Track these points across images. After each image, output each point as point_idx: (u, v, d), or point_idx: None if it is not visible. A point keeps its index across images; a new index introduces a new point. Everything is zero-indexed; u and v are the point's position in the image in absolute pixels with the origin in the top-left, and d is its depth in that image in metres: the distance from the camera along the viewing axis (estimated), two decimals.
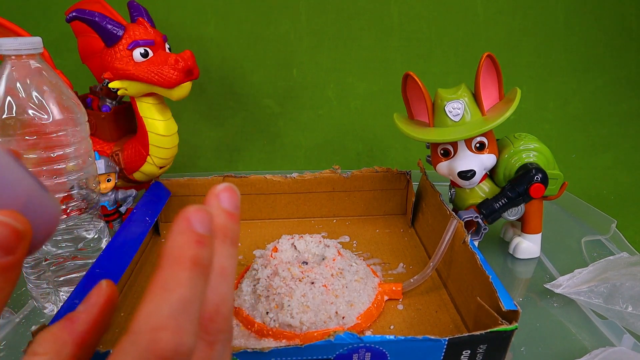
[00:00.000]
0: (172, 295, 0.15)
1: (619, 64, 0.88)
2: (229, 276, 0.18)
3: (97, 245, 0.45)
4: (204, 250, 0.16)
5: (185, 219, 0.16)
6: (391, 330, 0.40)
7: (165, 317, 0.14)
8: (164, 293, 0.15)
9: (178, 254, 0.15)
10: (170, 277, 0.15)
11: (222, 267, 0.17)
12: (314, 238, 0.46)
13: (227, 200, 0.18)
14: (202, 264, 0.16)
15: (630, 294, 0.42)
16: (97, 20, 0.49)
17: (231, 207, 0.19)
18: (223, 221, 0.18)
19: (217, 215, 0.18)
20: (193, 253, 0.15)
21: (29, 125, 0.37)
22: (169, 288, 0.15)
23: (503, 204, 0.49)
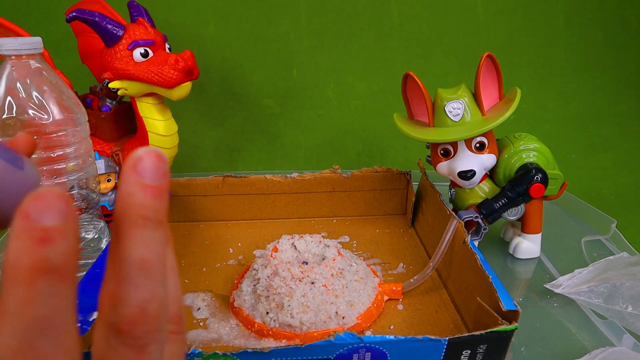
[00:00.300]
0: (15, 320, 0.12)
1: (619, 64, 0.88)
2: (154, 269, 0.14)
3: (97, 245, 0.45)
4: (52, 248, 0.12)
5: (23, 215, 0.12)
6: (391, 330, 0.40)
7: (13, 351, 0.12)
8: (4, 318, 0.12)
9: (13, 267, 0.12)
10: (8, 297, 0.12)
11: (142, 259, 0.14)
12: (314, 238, 0.46)
13: (148, 172, 0.15)
14: (51, 269, 0.12)
15: (630, 293, 0.42)
16: (97, 20, 0.49)
17: (153, 178, 0.15)
18: (141, 200, 0.14)
19: (136, 194, 0.15)
20: (33, 259, 0.12)
21: (29, 125, 0.37)
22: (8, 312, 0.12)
23: (503, 204, 0.49)
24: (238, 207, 0.60)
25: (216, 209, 0.60)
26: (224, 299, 0.44)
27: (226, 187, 0.59)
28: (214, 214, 0.60)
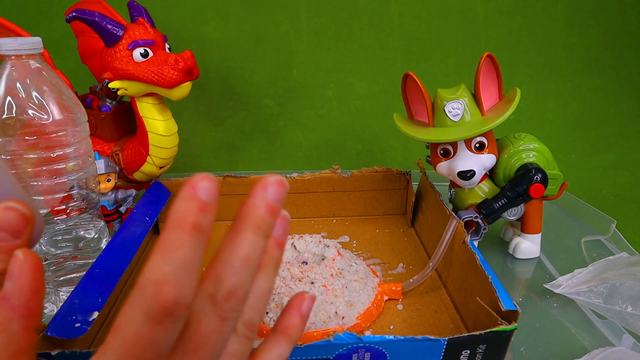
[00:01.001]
0: (173, 255, 0.16)
1: (619, 64, 0.88)
2: (252, 265, 0.19)
3: (97, 245, 0.45)
4: (205, 216, 0.17)
5: (191, 186, 0.17)
6: (391, 330, 0.40)
7: (167, 273, 0.16)
8: (166, 253, 0.16)
9: (180, 219, 0.17)
10: (172, 239, 0.17)
11: (247, 255, 0.19)
12: (313, 238, 0.46)
13: (274, 195, 0.19)
14: (202, 230, 0.17)
15: (629, 294, 0.42)
16: (97, 20, 0.49)
17: (274, 200, 0.19)
18: (262, 213, 0.19)
19: (259, 207, 0.19)
20: (194, 219, 0.17)
21: (29, 126, 0.37)
22: (170, 249, 0.16)
23: (503, 204, 0.49)
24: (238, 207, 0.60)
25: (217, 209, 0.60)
26: None
27: (226, 187, 0.59)
28: None
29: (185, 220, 0.17)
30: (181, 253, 0.16)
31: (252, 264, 0.19)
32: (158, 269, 0.16)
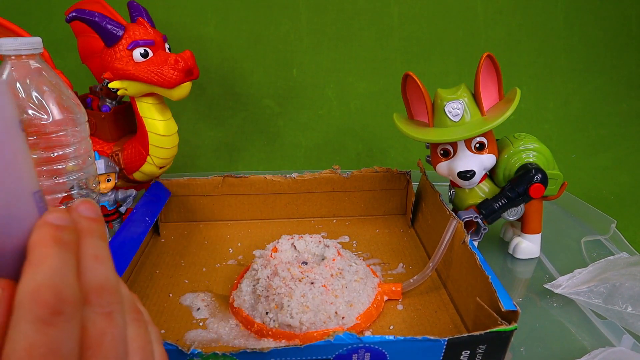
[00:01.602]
0: (42, 266, 0.16)
1: (619, 64, 0.88)
2: (105, 259, 0.20)
3: None
4: (64, 233, 0.18)
5: (41, 220, 0.18)
6: (391, 330, 0.40)
7: (41, 281, 0.16)
8: (34, 267, 0.16)
9: (40, 239, 0.17)
10: (37, 255, 0.17)
11: (94, 255, 0.19)
12: (313, 238, 0.46)
13: (85, 210, 0.20)
14: (65, 241, 0.18)
15: (629, 294, 0.42)
16: (97, 20, 0.49)
17: (91, 213, 0.20)
18: (86, 224, 0.20)
19: (79, 221, 0.19)
20: (53, 235, 0.17)
21: (29, 126, 0.37)
22: (36, 263, 0.17)
23: (503, 204, 0.49)
24: (238, 207, 0.60)
25: (216, 209, 0.60)
26: (224, 299, 0.44)
27: (226, 187, 0.59)
28: (213, 214, 0.60)
29: (44, 238, 0.17)
30: (49, 263, 0.17)
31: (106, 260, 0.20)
32: (31, 281, 0.16)
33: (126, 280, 0.47)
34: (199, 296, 0.45)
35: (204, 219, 0.60)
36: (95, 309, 0.18)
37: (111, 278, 0.19)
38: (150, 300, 0.44)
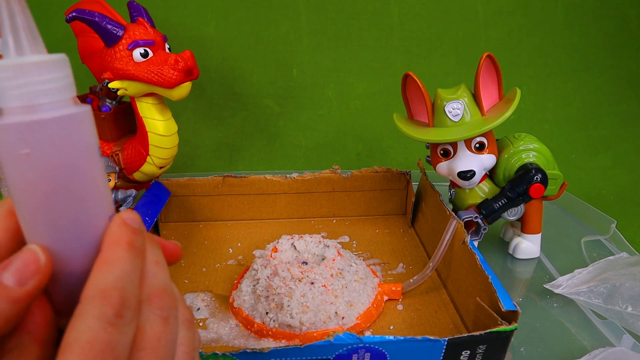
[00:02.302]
0: (115, 268, 0.18)
1: (619, 64, 0.88)
2: (164, 266, 0.21)
3: None
4: (138, 237, 0.19)
5: (118, 217, 0.19)
6: (391, 330, 0.40)
7: (112, 282, 0.17)
8: (108, 266, 0.18)
9: (116, 238, 0.18)
10: (110, 254, 0.18)
11: (156, 260, 0.20)
12: (313, 238, 0.46)
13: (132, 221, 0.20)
14: (137, 247, 0.19)
15: (630, 294, 0.42)
16: (97, 20, 0.49)
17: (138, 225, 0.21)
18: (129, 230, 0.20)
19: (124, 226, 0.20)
20: (128, 238, 0.19)
21: None
22: (110, 262, 0.18)
23: (503, 204, 0.49)
24: (238, 207, 0.60)
25: (216, 209, 0.60)
26: (224, 299, 0.44)
27: (226, 187, 0.59)
28: (213, 214, 0.60)
29: (121, 239, 0.18)
30: (121, 266, 0.18)
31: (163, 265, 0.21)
32: (103, 280, 0.17)
33: None
34: (199, 296, 0.45)
35: (204, 219, 0.60)
36: (155, 311, 0.19)
37: (169, 283, 0.21)
38: None
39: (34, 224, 0.18)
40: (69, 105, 0.18)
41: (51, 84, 0.17)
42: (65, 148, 0.17)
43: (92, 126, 0.19)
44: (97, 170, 0.19)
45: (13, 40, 0.17)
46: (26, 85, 0.17)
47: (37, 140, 0.17)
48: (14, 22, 0.17)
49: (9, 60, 0.17)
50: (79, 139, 0.18)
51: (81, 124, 0.18)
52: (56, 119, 0.17)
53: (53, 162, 0.17)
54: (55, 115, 0.17)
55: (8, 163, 0.17)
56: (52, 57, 0.18)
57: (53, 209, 0.17)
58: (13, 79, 0.17)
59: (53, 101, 0.17)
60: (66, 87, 0.18)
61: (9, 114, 0.17)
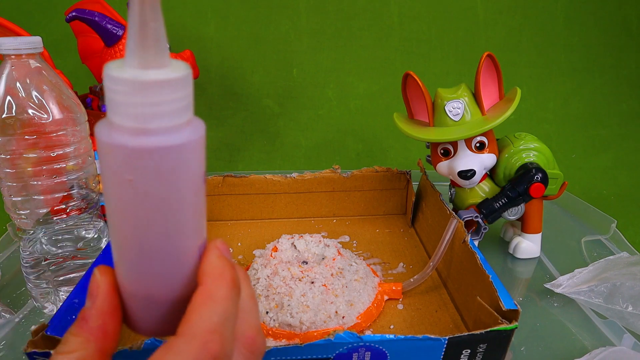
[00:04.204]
0: (218, 306, 0.17)
1: (619, 64, 0.88)
2: (256, 300, 0.21)
3: (97, 244, 0.44)
4: (236, 273, 0.19)
5: (217, 248, 0.19)
6: (391, 329, 0.40)
7: (215, 324, 0.17)
8: (212, 304, 0.17)
9: (220, 272, 0.18)
10: (216, 290, 0.18)
11: (250, 294, 0.20)
12: (313, 238, 0.46)
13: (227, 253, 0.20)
14: (238, 285, 0.19)
15: (630, 293, 0.42)
16: (97, 20, 0.49)
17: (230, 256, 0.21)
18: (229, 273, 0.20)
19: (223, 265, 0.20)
20: (232, 275, 0.18)
21: (29, 125, 0.37)
22: (216, 300, 0.18)
23: (503, 203, 0.49)
24: (238, 207, 0.60)
25: (216, 209, 0.60)
26: None
27: (226, 187, 0.59)
28: (214, 214, 0.60)
29: (225, 274, 0.18)
30: (225, 305, 0.18)
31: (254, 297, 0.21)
32: (208, 319, 0.17)
33: None
34: None
35: None
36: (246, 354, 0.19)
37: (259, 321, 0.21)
38: None
39: (124, 247, 0.17)
40: (185, 129, 0.16)
41: (170, 105, 0.15)
42: (172, 177, 0.16)
43: (203, 152, 0.17)
44: (200, 199, 0.18)
45: (139, 50, 0.15)
46: (144, 106, 0.15)
47: (145, 167, 0.15)
48: (144, 29, 0.15)
49: (131, 72, 0.15)
50: (189, 168, 0.16)
51: (193, 151, 0.16)
52: (169, 147, 0.15)
53: (156, 191, 0.16)
54: (169, 144, 0.15)
55: (109, 182, 0.16)
56: (175, 75, 0.16)
57: (146, 235, 0.16)
58: (131, 96, 0.15)
59: (170, 125, 0.15)
60: (185, 109, 0.16)
61: (120, 131, 0.15)
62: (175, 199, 0.16)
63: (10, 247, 0.54)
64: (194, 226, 0.18)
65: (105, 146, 0.15)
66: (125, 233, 0.17)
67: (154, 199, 0.16)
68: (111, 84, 0.15)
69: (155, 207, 0.16)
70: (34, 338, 0.30)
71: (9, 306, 0.43)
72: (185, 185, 0.16)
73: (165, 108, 0.15)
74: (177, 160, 0.16)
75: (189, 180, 0.17)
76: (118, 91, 0.15)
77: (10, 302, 0.44)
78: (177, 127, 0.16)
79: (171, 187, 0.16)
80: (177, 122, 0.16)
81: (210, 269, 0.18)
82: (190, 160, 0.16)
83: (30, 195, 0.40)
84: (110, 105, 0.15)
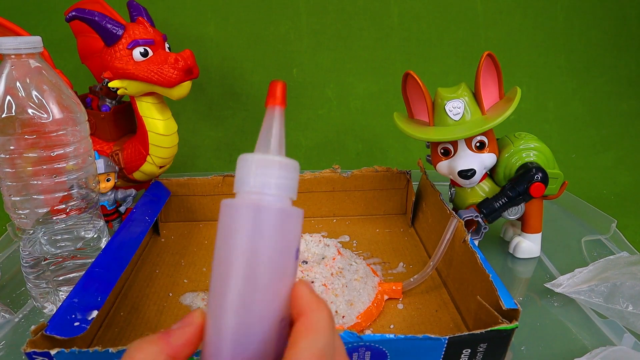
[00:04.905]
0: (321, 335, 0.18)
1: (619, 64, 0.88)
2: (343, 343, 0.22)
3: (97, 244, 0.44)
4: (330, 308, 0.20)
5: (307, 284, 0.20)
6: (391, 329, 0.40)
7: (320, 351, 0.18)
8: (316, 332, 0.18)
9: (318, 305, 0.19)
10: (317, 320, 0.19)
11: (337, 332, 0.21)
12: (313, 237, 0.46)
13: None
14: (333, 319, 0.20)
15: (630, 293, 0.42)
16: (97, 20, 0.49)
17: None
18: None
19: None
20: (328, 308, 0.20)
21: (29, 124, 0.37)
22: (319, 329, 0.19)
23: (503, 203, 0.49)
24: None
25: (216, 208, 0.59)
26: None
27: (226, 186, 0.59)
28: (213, 214, 0.60)
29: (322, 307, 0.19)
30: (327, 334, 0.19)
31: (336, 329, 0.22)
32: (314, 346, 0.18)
33: (126, 280, 0.47)
34: (199, 296, 0.45)
35: (204, 219, 0.60)
36: None
37: None
38: (150, 299, 0.44)
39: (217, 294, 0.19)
40: (288, 202, 0.21)
41: (281, 180, 0.20)
42: (270, 237, 0.19)
43: (299, 228, 0.21)
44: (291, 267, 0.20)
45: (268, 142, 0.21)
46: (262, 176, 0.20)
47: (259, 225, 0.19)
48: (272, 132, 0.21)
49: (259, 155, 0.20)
50: (286, 235, 0.20)
51: (293, 222, 0.20)
52: (278, 210, 0.19)
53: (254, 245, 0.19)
54: (278, 207, 0.20)
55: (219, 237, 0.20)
56: (288, 161, 0.21)
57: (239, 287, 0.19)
58: (259, 168, 0.20)
59: (278, 194, 0.20)
60: (291, 188, 0.20)
61: (245, 197, 0.20)
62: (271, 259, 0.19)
63: (10, 247, 0.54)
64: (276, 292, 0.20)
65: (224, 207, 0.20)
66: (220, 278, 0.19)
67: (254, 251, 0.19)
68: (242, 163, 0.20)
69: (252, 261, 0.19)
70: (34, 338, 0.30)
71: (8, 306, 0.43)
72: (281, 250, 0.20)
73: (280, 181, 0.20)
74: (280, 223, 0.20)
75: (285, 246, 0.20)
76: (245, 167, 0.20)
77: (10, 302, 0.44)
78: (285, 198, 0.20)
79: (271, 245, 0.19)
80: (285, 194, 0.20)
81: (308, 300, 0.19)
82: (289, 228, 0.20)
83: (30, 194, 0.39)
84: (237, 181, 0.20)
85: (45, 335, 0.30)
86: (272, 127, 0.22)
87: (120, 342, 0.38)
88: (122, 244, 0.44)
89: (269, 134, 0.21)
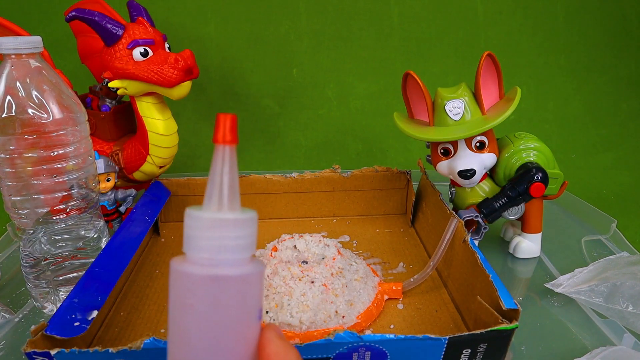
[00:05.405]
0: None
1: (619, 64, 0.88)
2: None
3: (97, 244, 0.44)
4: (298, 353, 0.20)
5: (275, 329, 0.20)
6: (391, 329, 0.40)
7: None
8: None
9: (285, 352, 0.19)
10: None
11: None
12: (313, 237, 0.46)
13: None
14: None
15: (630, 293, 0.42)
16: (97, 20, 0.49)
17: None
18: None
19: None
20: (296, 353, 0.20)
21: (29, 124, 0.37)
22: None
23: (503, 203, 0.49)
24: None
25: None
26: None
27: None
28: None
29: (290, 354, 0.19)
30: None
31: None
32: None
33: (126, 280, 0.47)
34: None
35: None
36: None
37: None
38: (150, 300, 0.44)
39: None
40: (247, 263, 0.18)
41: (238, 241, 0.18)
42: (230, 306, 0.18)
43: (261, 287, 0.19)
44: (253, 332, 0.19)
45: (215, 196, 0.18)
46: (215, 239, 0.18)
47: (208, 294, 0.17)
48: (222, 180, 0.18)
49: (208, 213, 0.18)
50: (247, 302, 0.18)
51: (254, 284, 0.18)
52: (237, 278, 0.18)
53: (212, 318, 0.17)
54: (237, 274, 0.18)
55: (173, 305, 0.18)
56: (243, 217, 0.18)
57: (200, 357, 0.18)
58: (204, 231, 0.18)
59: (235, 258, 0.18)
60: (249, 246, 0.18)
61: (192, 262, 0.18)
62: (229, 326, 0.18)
63: (10, 247, 0.54)
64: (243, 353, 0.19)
65: (176, 273, 0.18)
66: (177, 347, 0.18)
67: (210, 322, 0.18)
68: (190, 221, 0.18)
69: (209, 331, 0.18)
70: (34, 338, 0.30)
71: (8, 306, 0.43)
72: (240, 316, 0.18)
73: (236, 242, 0.18)
74: (237, 290, 0.18)
75: (244, 311, 0.18)
76: (194, 227, 0.18)
77: (10, 302, 0.44)
78: (243, 260, 0.18)
79: (228, 314, 0.18)
80: (243, 256, 0.18)
81: (275, 349, 0.19)
82: (248, 292, 0.18)
83: (30, 194, 0.39)
84: (187, 241, 0.18)
85: (45, 335, 0.30)
86: (223, 172, 0.19)
87: (120, 342, 0.38)
88: (122, 244, 0.44)
89: (219, 183, 0.19)
